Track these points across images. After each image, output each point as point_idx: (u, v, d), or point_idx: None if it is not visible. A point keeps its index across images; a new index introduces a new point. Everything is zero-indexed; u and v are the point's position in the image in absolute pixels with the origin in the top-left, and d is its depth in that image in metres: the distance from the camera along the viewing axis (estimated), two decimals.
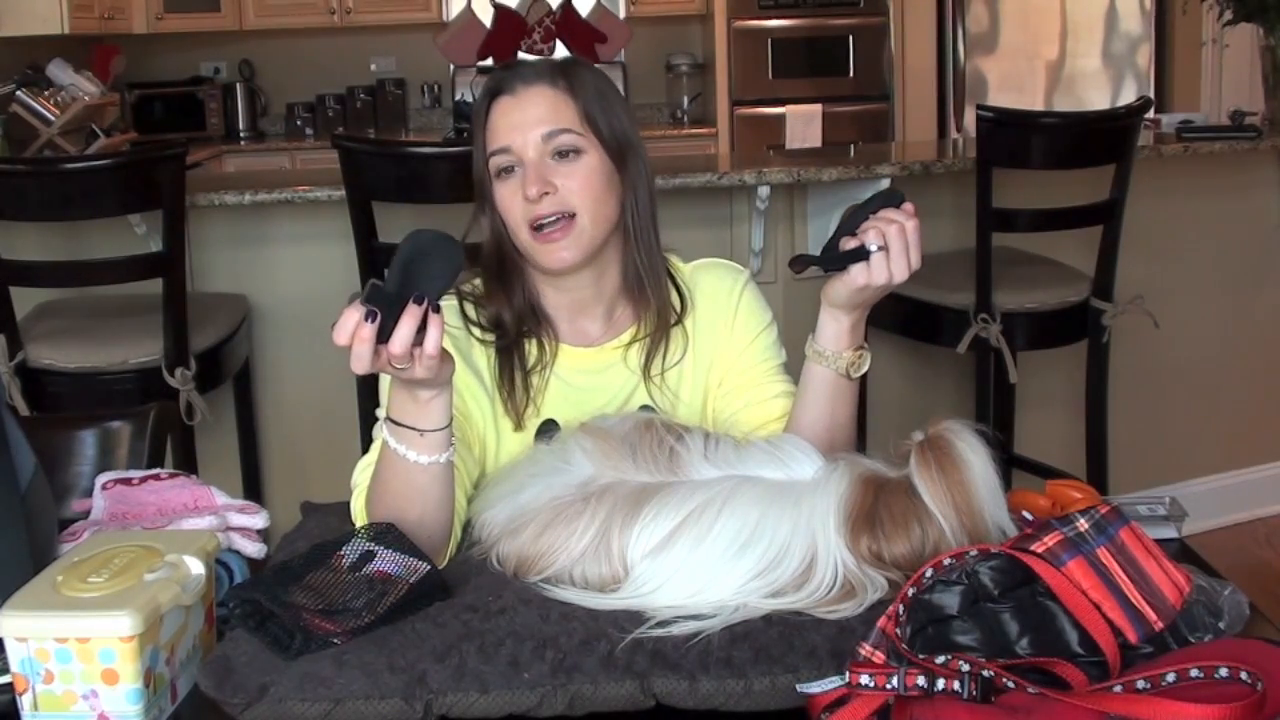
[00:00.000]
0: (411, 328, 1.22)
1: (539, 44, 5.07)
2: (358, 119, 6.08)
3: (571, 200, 1.51)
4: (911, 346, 3.44)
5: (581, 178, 1.52)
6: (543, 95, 1.53)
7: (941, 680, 1.03)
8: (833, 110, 5.60)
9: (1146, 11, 5.74)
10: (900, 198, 1.43)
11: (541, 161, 1.52)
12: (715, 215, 3.35)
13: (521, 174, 1.52)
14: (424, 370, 1.25)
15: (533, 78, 1.54)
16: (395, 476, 1.35)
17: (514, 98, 1.54)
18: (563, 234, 1.51)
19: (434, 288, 1.24)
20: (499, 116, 1.54)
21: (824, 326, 1.49)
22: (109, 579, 1.15)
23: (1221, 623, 1.15)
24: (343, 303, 2.94)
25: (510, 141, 1.52)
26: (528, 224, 1.52)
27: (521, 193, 1.51)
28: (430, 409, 1.31)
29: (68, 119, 4.89)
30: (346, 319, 1.23)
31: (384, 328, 1.21)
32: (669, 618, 1.18)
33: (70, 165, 2.88)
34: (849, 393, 1.51)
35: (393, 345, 1.22)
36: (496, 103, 1.55)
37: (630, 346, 1.61)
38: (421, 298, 1.23)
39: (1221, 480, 3.91)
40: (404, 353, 1.22)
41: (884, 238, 1.39)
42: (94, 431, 1.76)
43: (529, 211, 1.51)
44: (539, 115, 1.52)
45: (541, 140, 1.52)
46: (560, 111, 1.53)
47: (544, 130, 1.52)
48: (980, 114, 3.00)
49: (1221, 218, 3.78)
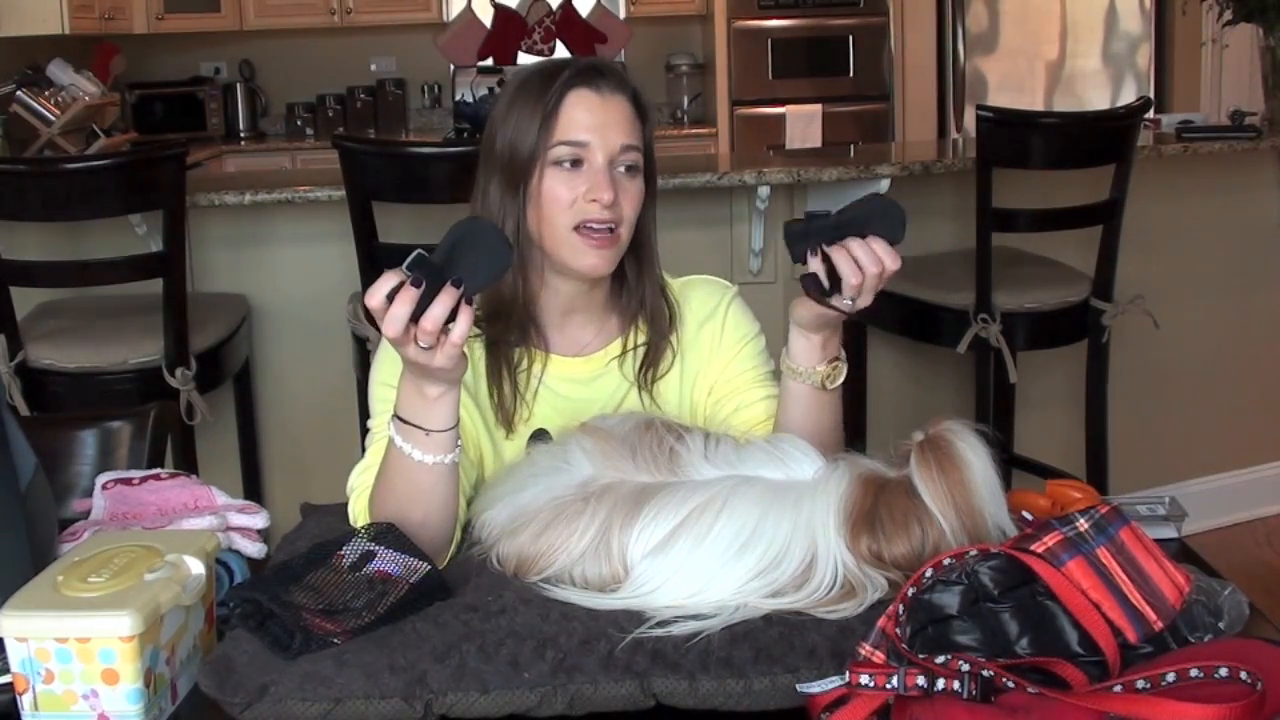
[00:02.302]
0: (446, 308, 1.21)
1: (539, 44, 5.08)
2: (358, 119, 6.08)
3: (622, 215, 1.52)
4: (911, 346, 3.44)
5: (634, 197, 1.53)
6: (626, 106, 1.53)
7: (941, 680, 1.03)
8: (833, 110, 5.60)
9: (1146, 11, 5.74)
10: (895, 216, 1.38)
11: (611, 169, 1.51)
12: (715, 215, 3.35)
13: (587, 173, 1.50)
14: (444, 358, 1.25)
15: (617, 85, 1.54)
16: (400, 476, 1.35)
17: (599, 96, 1.52)
18: (608, 243, 1.51)
19: (475, 279, 1.23)
20: (580, 109, 1.51)
21: (794, 343, 1.49)
22: (109, 579, 1.15)
23: (1221, 623, 1.15)
24: (343, 303, 2.93)
25: (590, 138, 1.50)
26: (576, 223, 1.50)
27: (581, 191, 1.50)
28: (437, 407, 1.31)
29: (68, 119, 4.89)
30: (385, 280, 1.22)
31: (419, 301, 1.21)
32: (669, 618, 1.18)
33: (70, 165, 2.88)
34: (830, 402, 1.51)
35: (425, 321, 1.21)
36: (576, 93, 1.52)
37: (622, 356, 1.61)
38: (459, 282, 1.22)
39: (1221, 480, 3.91)
40: (434, 331, 1.22)
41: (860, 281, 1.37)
42: (94, 431, 1.76)
43: (585, 211, 1.50)
44: (621, 124, 1.52)
45: (619, 150, 1.51)
46: (636, 128, 1.54)
47: (624, 141, 1.51)
48: (980, 114, 3.00)
49: (1221, 218, 3.78)
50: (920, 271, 3.22)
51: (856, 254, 1.36)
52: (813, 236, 1.37)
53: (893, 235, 1.37)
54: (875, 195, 1.43)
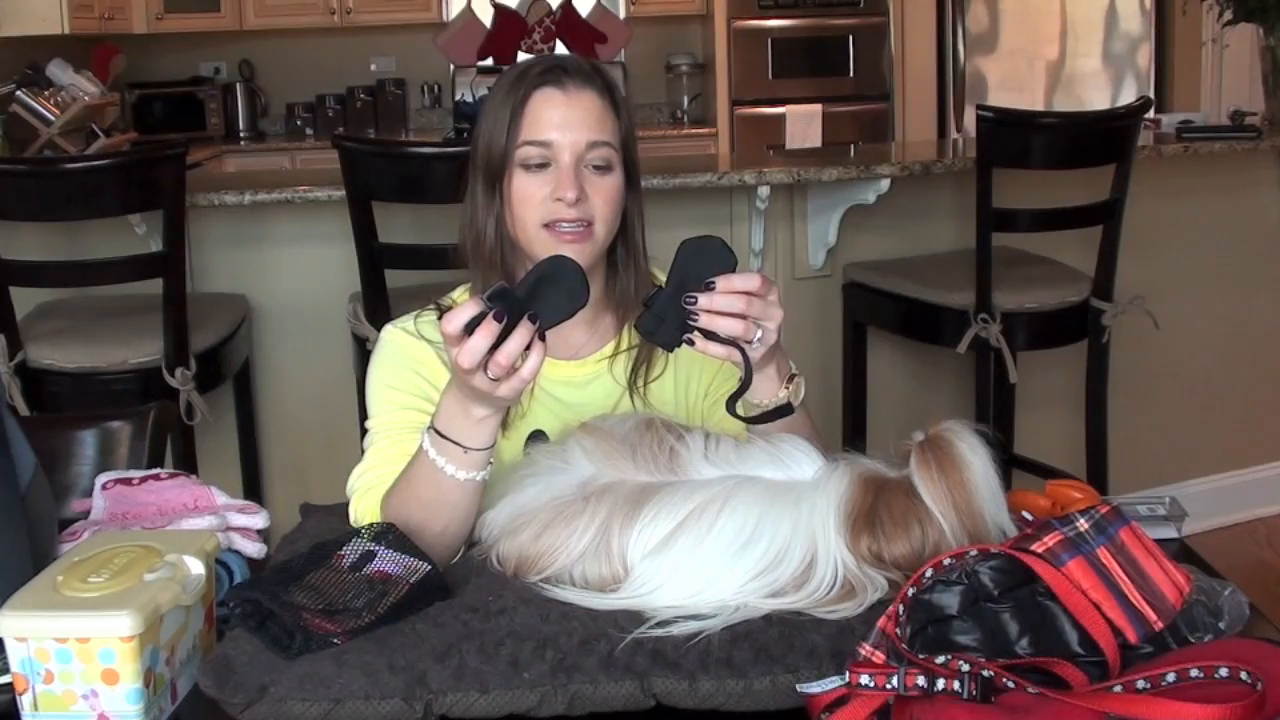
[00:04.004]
0: (522, 342, 1.21)
1: (539, 44, 5.08)
2: (358, 119, 6.08)
3: (594, 212, 1.50)
4: (911, 346, 3.44)
5: (608, 193, 1.51)
6: (593, 102, 1.51)
7: (941, 680, 1.03)
8: (833, 110, 5.60)
9: (1146, 11, 5.74)
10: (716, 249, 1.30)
11: (578, 167, 1.50)
12: (715, 215, 3.35)
13: (554, 172, 1.50)
14: (509, 391, 1.24)
15: (584, 81, 1.51)
16: (428, 488, 1.34)
17: (564, 94, 1.50)
18: (578, 240, 1.50)
19: (551, 317, 1.23)
20: (544, 108, 1.50)
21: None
22: (109, 579, 1.15)
23: (1221, 623, 1.15)
24: (343, 302, 2.94)
25: (553, 138, 1.49)
26: (545, 221, 1.50)
27: (549, 190, 1.49)
28: (482, 427, 1.31)
29: (68, 119, 4.89)
30: (465, 309, 1.21)
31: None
32: (669, 618, 1.18)
33: (70, 165, 2.88)
34: (800, 415, 1.46)
35: (500, 355, 1.21)
36: (541, 93, 1.51)
37: (614, 358, 1.60)
38: (536, 317, 1.22)
39: (1221, 480, 3.91)
40: (508, 365, 1.21)
41: (749, 321, 1.30)
42: (94, 431, 1.76)
43: (553, 211, 1.49)
44: (587, 121, 1.50)
45: (585, 147, 1.50)
46: (605, 124, 1.51)
47: (590, 138, 1.50)
48: (980, 114, 3.00)
49: (1221, 218, 3.78)
50: (920, 271, 3.22)
51: (715, 307, 1.29)
52: (666, 318, 1.29)
53: (726, 267, 1.30)
54: (687, 241, 1.31)
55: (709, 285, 1.29)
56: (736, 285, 1.29)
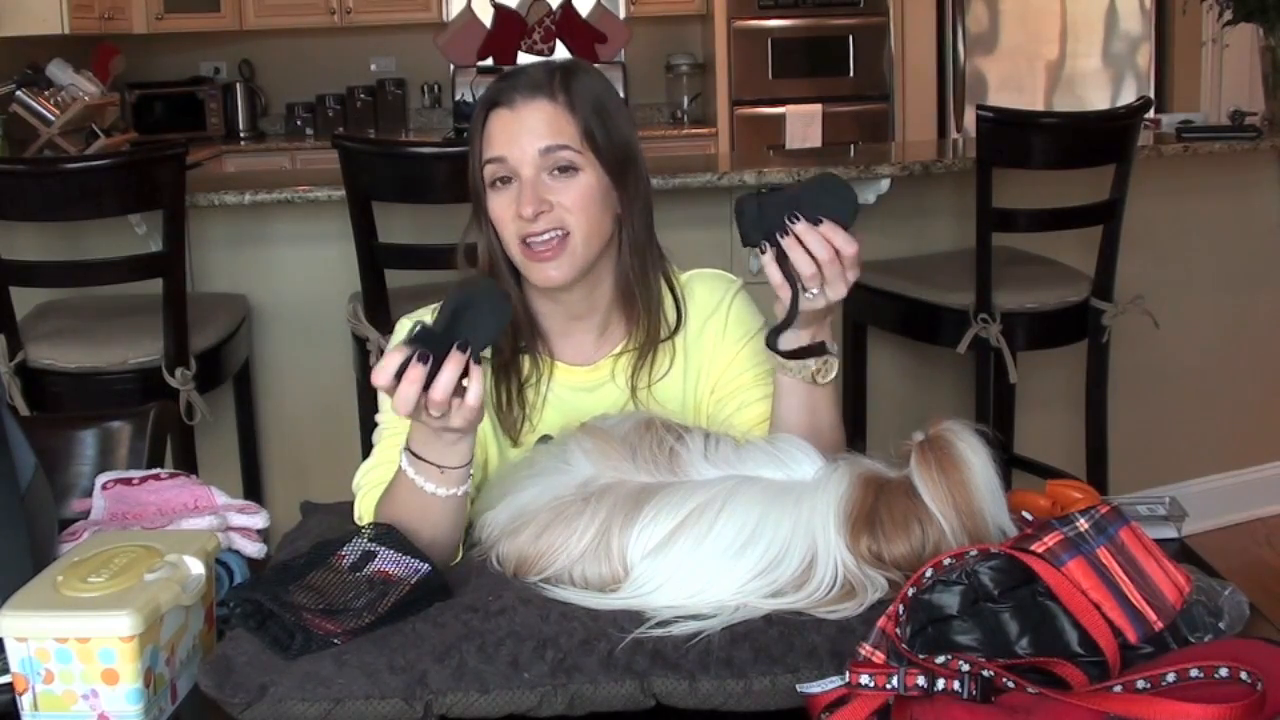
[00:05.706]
0: (453, 375, 1.21)
1: (539, 44, 5.08)
2: (358, 119, 6.08)
3: (566, 218, 1.48)
4: (911, 346, 3.43)
5: (577, 196, 1.48)
6: (541, 109, 1.48)
7: (941, 680, 1.03)
8: (833, 110, 5.58)
9: (1146, 11, 5.74)
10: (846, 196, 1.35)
11: (538, 178, 1.47)
12: (715, 215, 3.35)
13: (517, 187, 1.48)
14: (460, 420, 1.25)
15: (531, 90, 1.49)
16: (409, 504, 1.34)
17: (512, 111, 1.48)
18: (554, 253, 1.48)
19: (479, 338, 1.23)
20: (496, 126, 1.49)
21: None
22: (109, 579, 1.15)
23: (1221, 623, 1.15)
24: (343, 302, 2.94)
25: (506, 152, 1.48)
26: (519, 239, 1.48)
27: (515, 208, 1.47)
28: (455, 449, 1.31)
29: (68, 119, 4.88)
30: (390, 360, 1.21)
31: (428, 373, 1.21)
32: (669, 618, 1.18)
33: (70, 165, 2.88)
34: (825, 398, 1.48)
35: (434, 392, 1.21)
36: (494, 113, 1.50)
37: (619, 359, 1.59)
38: (465, 345, 1.22)
39: (1221, 480, 3.91)
40: (444, 400, 1.21)
41: (820, 273, 1.35)
42: (94, 431, 1.76)
43: (522, 228, 1.47)
44: (537, 129, 1.47)
45: (539, 155, 1.47)
46: (559, 127, 1.48)
47: (541, 145, 1.47)
48: (980, 114, 3.00)
49: (1221, 218, 3.78)
50: (920, 271, 3.22)
51: (806, 240, 1.34)
52: (764, 216, 1.35)
53: (843, 217, 1.34)
54: (829, 174, 1.38)
55: (816, 220, 1.34)
56: (836, 239, 1.34)
